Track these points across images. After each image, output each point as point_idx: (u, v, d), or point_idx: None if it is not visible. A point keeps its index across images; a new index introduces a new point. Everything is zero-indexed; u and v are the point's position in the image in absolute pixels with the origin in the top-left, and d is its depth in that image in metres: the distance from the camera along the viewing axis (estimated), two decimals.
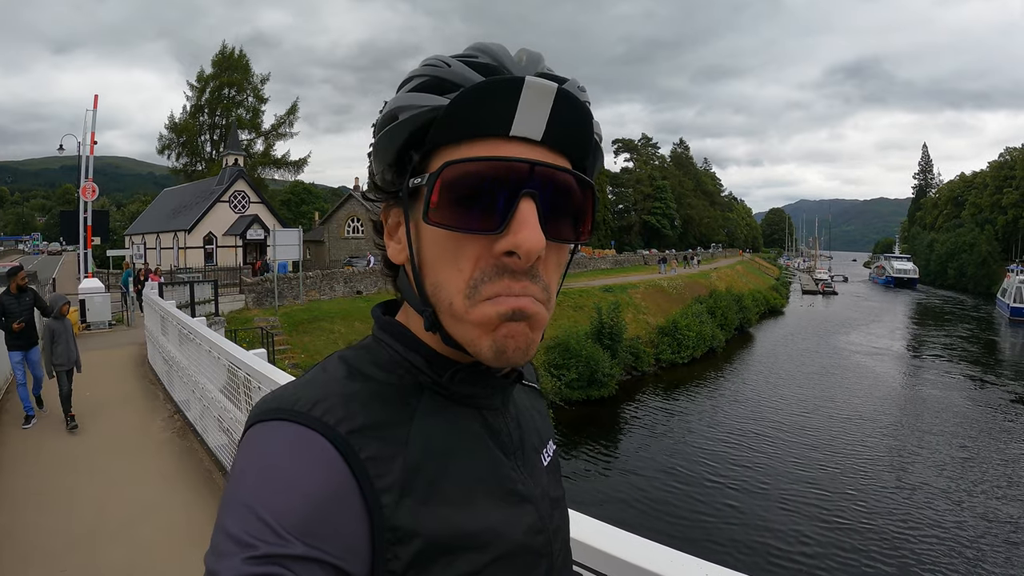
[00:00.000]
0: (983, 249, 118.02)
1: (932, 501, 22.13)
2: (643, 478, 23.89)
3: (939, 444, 28.82)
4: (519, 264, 0.95)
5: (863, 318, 77.28)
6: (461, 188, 0.95)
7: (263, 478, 0.86)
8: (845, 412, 33.18)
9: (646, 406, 33.91)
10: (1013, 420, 33.50)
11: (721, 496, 22.20)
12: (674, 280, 60.08)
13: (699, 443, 27.91)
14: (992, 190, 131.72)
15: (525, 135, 0.98)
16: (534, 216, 0.95)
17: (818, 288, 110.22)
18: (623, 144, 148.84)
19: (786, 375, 42.42)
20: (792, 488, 22.83)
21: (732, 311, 58.14)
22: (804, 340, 58.47)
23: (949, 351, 55.71)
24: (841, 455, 26.56)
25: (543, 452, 1.29)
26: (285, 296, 33.47)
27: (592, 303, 41.04)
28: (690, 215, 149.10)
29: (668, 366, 42.70)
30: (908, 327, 73.28)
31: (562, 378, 32.39)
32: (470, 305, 0.97)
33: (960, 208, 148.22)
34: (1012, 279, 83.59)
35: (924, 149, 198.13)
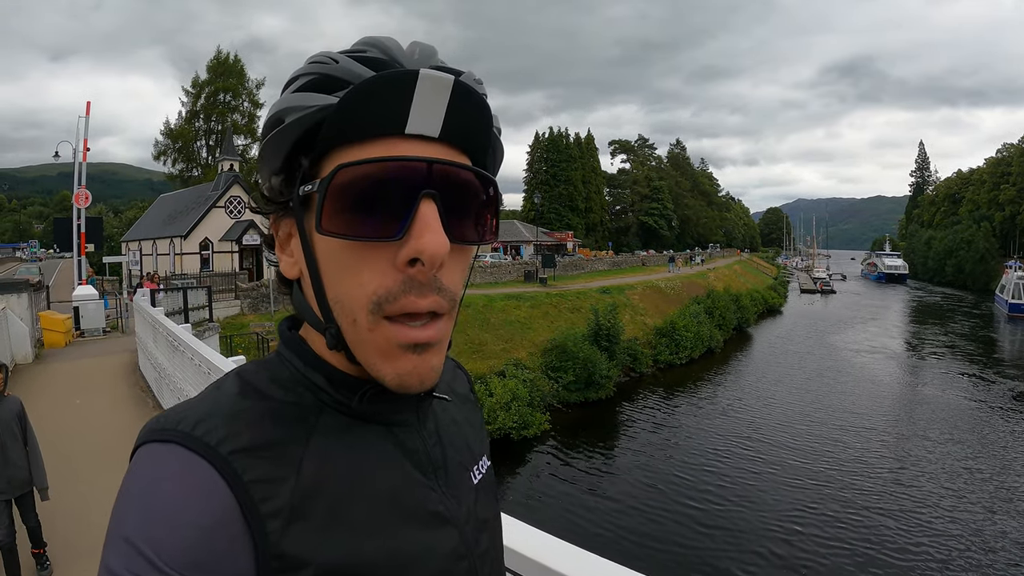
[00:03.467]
0: (981, 246, 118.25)
1: (933, 501, 22.03)
2: (641, 481, 23.80)
3: (939, 443, 28.73)
4: (424, 273, 0.89)
5: (862, 316, 77.30)
6: (356, 193, 0.88)
7: (142, 507, 0.81)
8: (845, 412, 33.09)
9: (644, 408, 33.78)
10: (1014, 417, 33.42)
11: (720, 499, 22.09)
12: (672, 281, 60.03)
13: (697, 445, 27.81)
14: (989, 187, 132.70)
15: (422, 132, 0.91)
16: (436, 218, 0.89)
17: (817, 287, 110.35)
18: (619, 145, 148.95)
19: (785, 375, 42.32)
20: (791, 491, 22.74)
21: (730, 311, 58.19)
22: (803, 339, 58.48)
23: (949, 348, 55.73)
24: (840, 456, 26.46)
25: (473, 469, 1.20)
26: (280, 301, 33.36)
27: (589, 305, 41.01)
28: (687, 215, 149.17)
29: (666, 367, 42.57)
30: (907, 325, 73.35)
31: (559, 380, 32.34)
32: (373, 322, 0.91)
33: (957, 205, 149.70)
34: (1010, 275, 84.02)
35: (921, 147, 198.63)
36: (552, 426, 28.56)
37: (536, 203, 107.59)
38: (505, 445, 26.05)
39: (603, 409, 32.76)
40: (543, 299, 42.05)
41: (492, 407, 26.47)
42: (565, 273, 59.63)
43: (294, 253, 1.01)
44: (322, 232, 0.89)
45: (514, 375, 30.03)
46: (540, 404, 29.39)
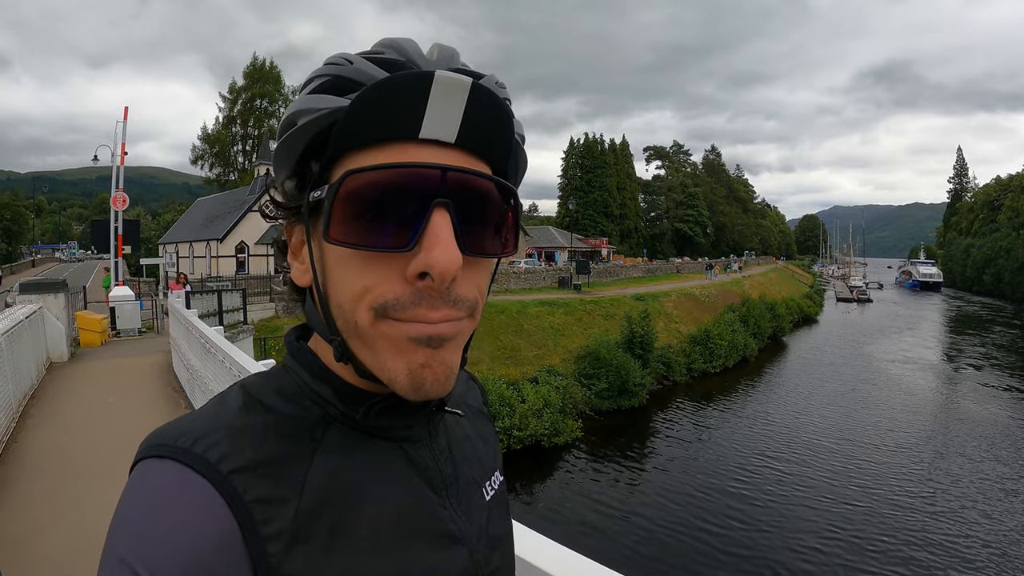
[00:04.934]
0: (1020, 254, 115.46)
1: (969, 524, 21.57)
2: (669, 493, 23.55)
3: (977, 461, 28.19)
4: (434, 288, 0.84)
5: (898, 326, 76.36)
6: (365, 200, 0.83)
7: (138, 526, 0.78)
8: (879, 428, 32.57)
9: (676, 417, 33.54)
10: None
11: (748, 517, 21.77)
12: (706, 288, 59.67)
13: (728, 459, 27.50)
14: None
15: (437, 137, 0.86)
16: (448, 230, 0.84)
17: (853, 295, 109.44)
18: (654, 152, 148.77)
19: (819, 387, 41.81)
20: (821, 511, 22.34)
21: (765, 319, 57.64)
22: (838, 350, 57.85)
23: (987, 360, 54.88)
24: (874, 475, 25.99)
25: (485, 485, 1.16)
26: None
27: (623, 312, 40.80)
28: (722, 222, 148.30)
29: (700, 375, 42.24)
30: (945, 335, 72.31)
31: (592, 387, 32.15)
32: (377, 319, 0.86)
33: (996, 212, 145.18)
34: None
35: (959, 152, 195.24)
36: (584, 433, 28.42)
37: (571, 209, 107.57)
38: (536, 452, 26.00)
39: (635, 417, 32.55)
40: (577, 306, 41.93)
41: (524, 413, 26.33)
42: (599, 280, 59.45)
43: (305, 260, 0.97)
44: (329, 240, 0.85)
45: (547, 381, 29.99)
46: (572, 411, 29.32)
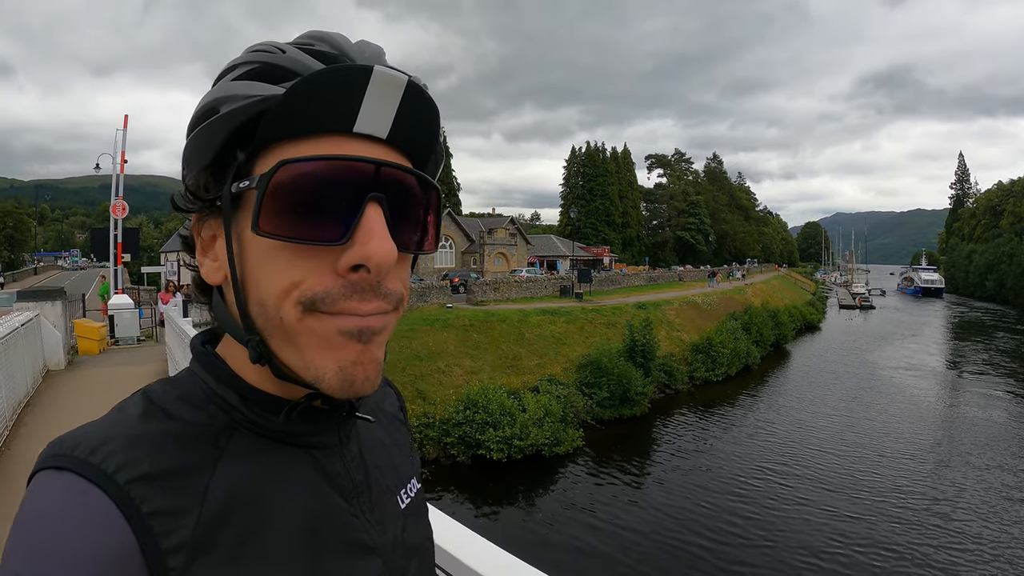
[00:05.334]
0: (1023, 259, 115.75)
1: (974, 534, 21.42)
2: (670, 505, 23.34)
3: (982, 469, 28.03)
4: (369, 280, 0.83)
5: (902, 333, 76.24)
6: (299, 192, 0.80)
7: (33, 541, 0.73)
8: (883, 436, 32.39)
9: (678, 426, 33.34)
10: None
11: (749, 528, 21.56)
12: (708, 296, 59.56)
13: (729, 469, 27.30)
14: None
15: (370, 132, 0.84)
16: (383, 224, 0.82)
17: (856, 302, 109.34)
18: (656, 160, 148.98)
19: (822, 395, 41.63)
20: (825, 522, 22.16)
21: (767, 327, 57.39)
22: (842, 357, 57.76)
23: (991, 366, 54.81)
24: (877, 486, 25.80)
25: (400, 493, 1.14)
26: None
27: (625, 320, 40.61)
28: (725, 230, 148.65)
29: (702, 384, 42.07)
30: (948, 342, 72.24)
31: (593, 396, 31.95)
32: (305, 314, 0.82)
33: (999, 218, 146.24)
34: None
35: (960, 158, 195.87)
36: (585, 443, 28.17)
37: (572, 217, 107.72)
38: (537, 461, 25.82)
39: (637, 426, 32.38)
40: (578, 314, 41.79)
41: (524, 423, 26.14)
42: (601, 288, 59.24)
43: (219, 256, 0.92)
44: (259, 233, 0.81)
45: (548, 391, 29.79)
46: (573, 420, 29.08)
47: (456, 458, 25.85)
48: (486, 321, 35.68)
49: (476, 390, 27.41)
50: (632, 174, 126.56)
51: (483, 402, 26.48)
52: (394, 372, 28.54)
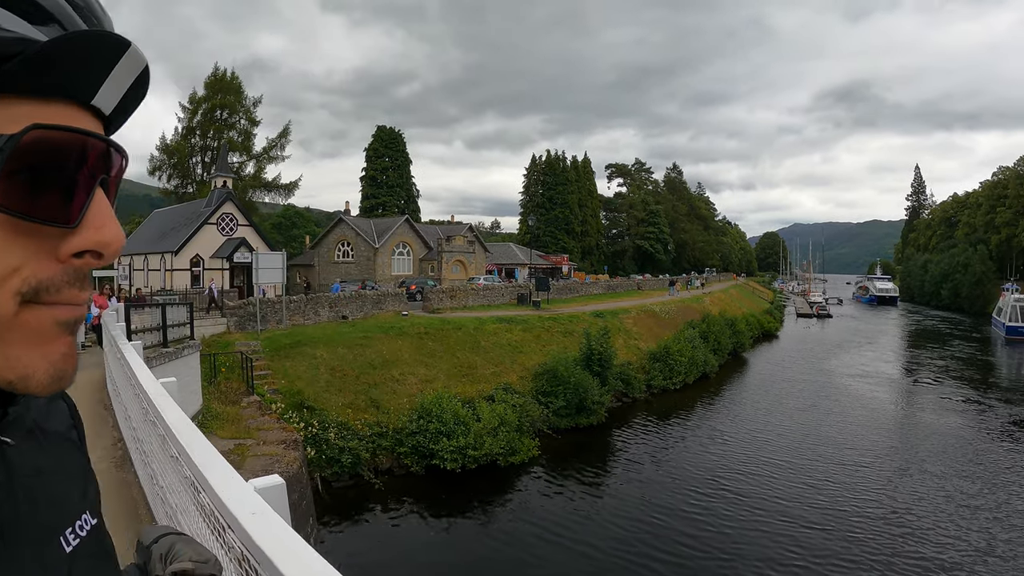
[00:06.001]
0: (977, 269, 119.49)
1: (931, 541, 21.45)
2: (628, 514, 23.15)
3: (939, 476, 28.16)
4: (90, 265, 0.73)
5: (858, 341, 77.02)
6: (40, 163, 0.68)
7: None
8: (839, 445, 32.51)
9: (636, 435, 33.18)
10: (1015, 445, 33.03)
11: (707, 539, 21.43)
12: (667, 305, 59.72)
13: (687, 477, 27.18)
14: (985, 209, 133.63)
15: (101, 107, 0.76)
16: (110, 208, 0.75)
17: (813, 311, 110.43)
18: (616, 169, 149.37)
19: (779, 403, 41.76)
20: (783, 530, 22.13)
21: (725, 335, 57.61)
22: (798, 365, 58.09)
23: (946, 373, 55.58)
24: (834, 495, 25.78)
25: (65, 532, 0.91)
26: (268, 320, 32.88)
27: (582, 329, 40.49)
28: (684, 239, 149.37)
29: (659, 392, 41.98)
30: (904, 349, 73.19)
31: (550, 405, 31.70)
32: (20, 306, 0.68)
33: (953, 228, 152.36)
34: (1007, 298, 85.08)
35: (916, 171, 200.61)
36: (541, 452, 27.94)
37: (531, 225, 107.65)
38: (492, 471, 25.49)
39: (594, 435, 32.14)
40: (535, 322, 41.55)
41: (479, 432, 25.79)
42: (559, 296, 59.12)
43: None
44: None
45: (503, 399, 29.46)
46: (529, 430, 28.82)
47: (410, 468, 25.41)
48: (442, 329, 35.28)
49: (430, 399, 27.04)
50: (592, 183, 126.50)
51: (437, 411, 26.11)
52: (347, 380, 28.15)
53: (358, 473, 24.10)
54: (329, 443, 23.84)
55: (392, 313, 38.85)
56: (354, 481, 23.95)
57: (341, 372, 28.73)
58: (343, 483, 23.74)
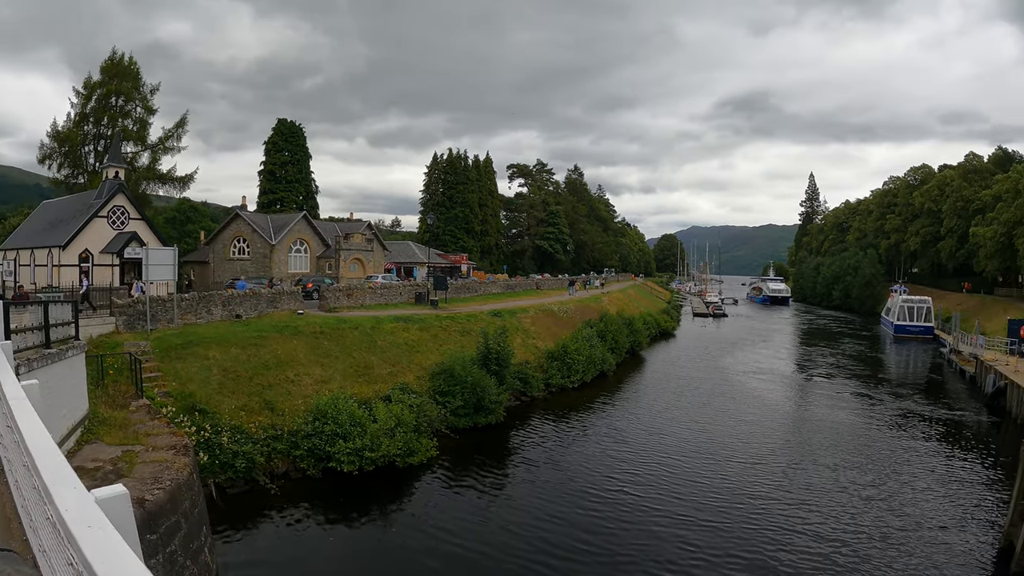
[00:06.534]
0: (867, 271, 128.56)
1: (829, 535, 21.98)
2: (528, 512, 23.21)
3: (831, 468, 29.15)
4: None
5: (752, 339, 79.18)
6: None
7: None
8: (737, 438, 33.39)
9: (535, 433, 33.40)
10: (903, 436, 34.70)
11: (608, 533, 21.66)
12: (565, 304, 60.17)
13: (587, 473, 27.44)
14: (876, 216, 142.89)
15: None
16: None
17: (709, 311, 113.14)
18: (518, 169, 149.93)
19: (676, 400, 42.61)
20: (682, 521, 22.55)
21: (623, 334, 58.32)
22: (695, 363, 59.45)
23: (838, 369, 57.85)
24: (733, 485, 26.49)
25: None
26: (159, 320, 31.89)
27: (480, 328, 40.55)
28: (583, 240, 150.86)
29: (558, 391, 42.43)
30: (798, 347, 75.64)
31: (447, 405, 31.53)
32: None
33: (845, 233, 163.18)
34: (895, 298, 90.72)
35: (811, 178, 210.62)
36: (439, 453, 27.79)
37: (431, 224, 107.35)
38: (390, 473, 25.26)
39: (493, 435, 32.26)
40: (433, 322, 41.44)
41: (376, 433, 25.45)
42: (458, 296, 59.02)
43: None
44: None
45: (400, 400, 29.14)
46: (427, 430, 28.59)
47: (306, 471, 24.89)
48: (338, 328, 34.86)
49: (326, 400, 26.58)
50: (493, 183, 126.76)
51: (333, 412, 25.68)
52: (241, 382, 27.49)
53: (253, 478, 23.38)
54: (222, 447, 23.02)
55: (288, 312, 38.18)
56: (250, 486, 23.25)
57: (234, 373, 27.97)
58: (238, 489, 22.99)
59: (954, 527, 23.06)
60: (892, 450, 32.08)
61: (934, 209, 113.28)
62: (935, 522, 23.33)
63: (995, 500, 25.85)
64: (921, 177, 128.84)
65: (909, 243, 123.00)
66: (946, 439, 34.61)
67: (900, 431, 35.78)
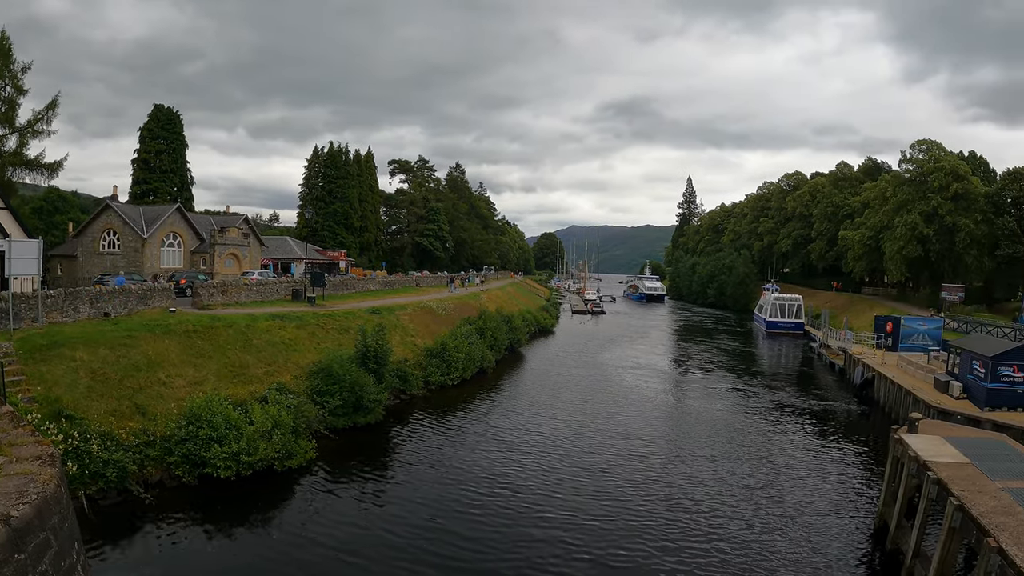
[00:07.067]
0: (741, 270, 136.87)
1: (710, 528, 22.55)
2: (410, 511, 23.06)
3: (710, 456, 30.44)
4: None
5: (630, 335, 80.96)
6: None
7: None
8: (617, 433, 34.22)
9: (415, 431, 33.36)
10: (777, 426, 36.50)
11: (490, 530, 21.77)
12: (444, 301, 60.22)
13: (468, 472, 27.51)
14: (750, 219, 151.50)
15: None
16: None
17: (587, 308, 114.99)
18: (399, 165, 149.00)
19: (555, 396, 43.30)
20: (565, 517, 22.82)
21: (502, 332, 58.74)
22: (574, 359, 60.51)
23: (713, 364, 60.05)
24: (615, 479, 27.07)
25: None
26: (22, 318, 30.38)
27: (358, 325, 40.18)
28: (463, 238, 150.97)
29: (437, 388, 42.55)
30: (675, 343, 77.99)
31: (326, 405, 31.04)
32: None
33: (720, 234, 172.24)
34: (768, 296, 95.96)
35: (688, 182, 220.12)
36: (319, 454, 27.32)
37: (309, 219, 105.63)
38: (269, 477, 24.67)
39: (373, 434, 32.01)
40: (310, 319, 40.82)
41: (252, 436, 24.67)
42: (336, 293, 58.24)
43: None
44: None
45: (277, 400, 28.50)
46: (306, 431, 27.94)
47: (182, 479, 23.86)
48: (212, 327, 33.78)
49: (200, 402, 25.54)
50: (374, 178, 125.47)
51: (207, 415, 24.67)
52: (110, 385, 26.29)
53: (126, 488, 22.20)
54: (92, 456, 21.73)
55: (159, 310, 36.92)
56: (123, 497, 22.06)
57: (103, 376, 26.57)
58: (111, 500, 21.75)
59: (831, 511, 24.36)
60: (769, 440, 33.43)
61: (806, 213, 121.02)
62: (813, 508, 24.54)
63: (868, 483, 27.49)
64: (794, 183, 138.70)
65: (781, 244, 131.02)
66: (819, 428, 36.38)
67: (775, 422, 37.27)
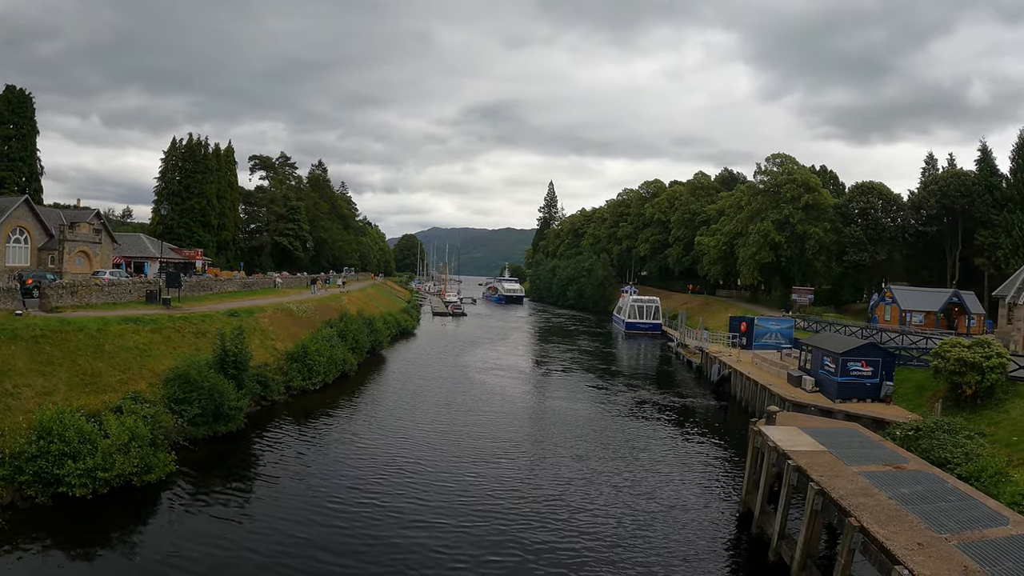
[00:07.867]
0: (600, 273, 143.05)
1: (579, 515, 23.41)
2: (274, 525, 22.46)
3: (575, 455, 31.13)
4: None
5: (492, 337, 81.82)
6: None
7: None
8: (481, 435, 34.53)
9: (278, 439, 32.72)
10: (639, 423, 37.82)
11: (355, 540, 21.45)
12: (304, 303, 59.28)
13: (333, 479, 27.12)
14: (610, 224, 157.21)
15: None
16: None
17: (448, 310, 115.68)
18: (260, 161, 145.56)
19: (419, 398, 43.58)
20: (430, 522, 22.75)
21: (364, 334, 58.62)
22: (436, 361, 60.96)
23: (575, 364, 61.60)
24: (481, 482, 27.25)
25: None
26: None
27: (216, 329, 38.99)
28: (324, 238, 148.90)
29: (299, 393, 41.91)
30: (536, 344, 79.30)
31: (184, 414, 29.78)
32: None
33: (580, 238, 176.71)
34: (626, 298, 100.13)
35: (550, 187, 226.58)
36: (179, 467, 26.17)
37: (164, 215, 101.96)
38: (128, 493, 23.48)
39: (234, 443, 31.16)
40: (166, 322, 39.23)
41: (108, 450, 23.34)
42: (192, 294, 56.35)
43: None
44: None
45: (133, 410, 27.12)
46: (164, 443, 26.78)
47: (34, 499, 22.22)
48: (61, 331, 31.71)
49: (50, 415, 23.87)
50: (234, 174, 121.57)
51: (59, 429, 23.15)
52: None
53: None
54: None
55: (4, 313, 34.88)
56: None
57: None
58: None
59: (698, 503, 25.49)
60: (633, 438, 34.50)
61: (663, 219, 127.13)
62: (680, 501, 25.56)
63: (730, 474, 28.93)
64: (653, 190, 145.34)
65: (640, 249, 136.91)
66: (681, 424, 37.83)
67: (639, 419, 38.47)
